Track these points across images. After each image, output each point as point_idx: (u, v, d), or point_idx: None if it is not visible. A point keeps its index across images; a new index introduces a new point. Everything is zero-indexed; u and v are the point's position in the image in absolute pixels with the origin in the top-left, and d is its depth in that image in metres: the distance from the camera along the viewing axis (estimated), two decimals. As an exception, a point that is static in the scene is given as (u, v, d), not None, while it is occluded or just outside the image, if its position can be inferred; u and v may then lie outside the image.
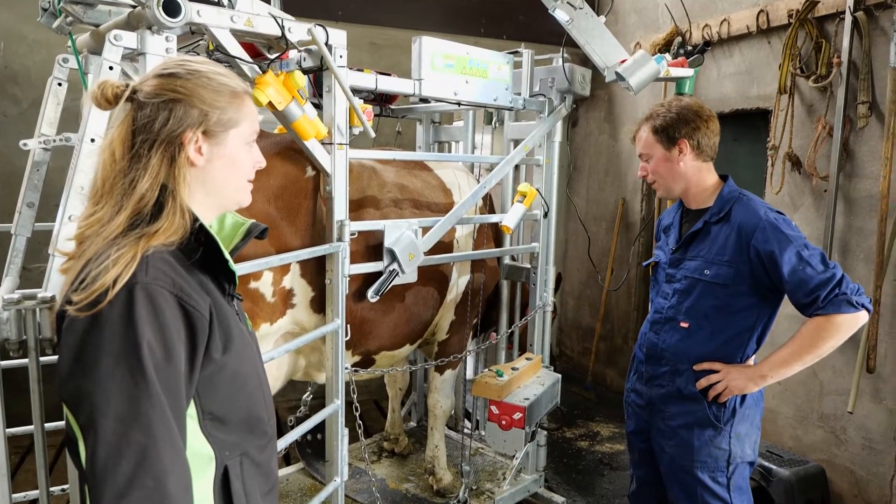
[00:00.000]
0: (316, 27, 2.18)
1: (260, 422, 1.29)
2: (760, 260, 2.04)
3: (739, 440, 2.15)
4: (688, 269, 2.19)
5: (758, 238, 2.04)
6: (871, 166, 3.23)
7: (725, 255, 2.10)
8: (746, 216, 2.10)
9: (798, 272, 1.98)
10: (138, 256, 1.10)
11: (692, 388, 2.16)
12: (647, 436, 2.34)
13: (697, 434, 2.14)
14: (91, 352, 1.03)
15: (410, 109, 3.62)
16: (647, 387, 2.30)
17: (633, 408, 2.39)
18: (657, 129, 2.17)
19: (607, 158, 5.29)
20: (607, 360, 5.30)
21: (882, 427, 3.21)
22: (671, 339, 2.22)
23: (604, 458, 4.05)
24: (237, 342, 1.23)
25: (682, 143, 2.16)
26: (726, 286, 2.09)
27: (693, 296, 2.16)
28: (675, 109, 2.17)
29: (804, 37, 3.47)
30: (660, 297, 2.30)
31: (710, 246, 2.15)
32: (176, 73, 1.19)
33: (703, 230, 2.19)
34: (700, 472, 2.15)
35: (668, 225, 2.38)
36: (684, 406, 2.18)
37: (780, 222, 2.06)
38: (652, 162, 2.22)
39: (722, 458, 2.14)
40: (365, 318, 2.61)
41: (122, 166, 1.17)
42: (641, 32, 4.75)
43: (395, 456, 3.66)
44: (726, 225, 2.13)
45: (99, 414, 1.00)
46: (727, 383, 2.09)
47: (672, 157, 2.17)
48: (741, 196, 2.17)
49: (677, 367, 2.20)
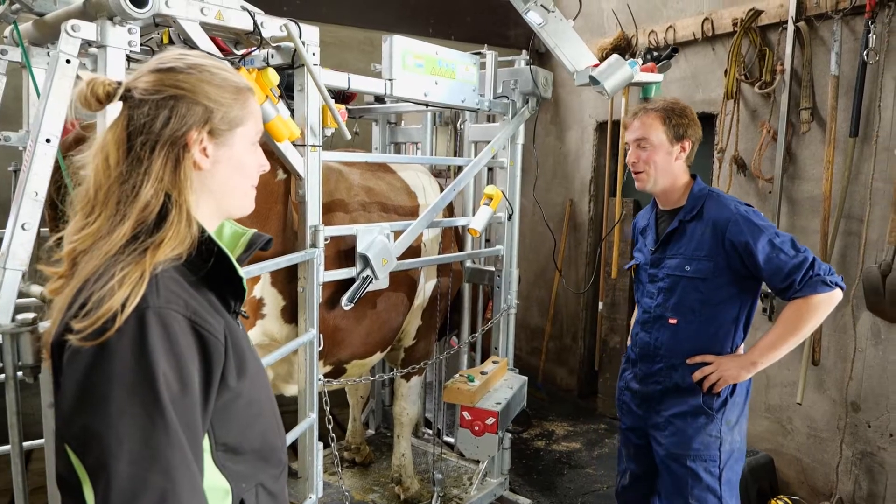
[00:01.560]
0: (290, 22, 2.07)
1: (275, 450, 1.20)
2: (736, 251, 2.12)
3: (730, 427, 2.22)
4: (669, 267, 2.26)
5: (731, 230, 2.12)
6: (813, 169, 3.40)
7: (703, 250, 2.18)
8: (719, 211, 2.18)
9: (773, 259, 2.07)
10: (147, 275, 0.98)
11: (689, 381, 2.22)
12: (642, 432, 2.39)
13: (691, 422, 2.21)
14: (100, 386, 0.91)
15: (368, 110, 3.53)
16: (641, 385, 2.35)
17: (628, 406, 2.43)
18: (669, 120, 2.20)
19: (554, 160, 5.36)
20: (557, 359, 5.36)
21: (826, 416, 3.39)
22: (663, 336, 2.27)
23: (562, 458, 4.10)
24: (251, 366, 1.13)
25: (685, 142, 2.22)
26: (707, 280, 2.17)
27: (677, 292, 2.23)
28: (682, 107, 2.23)
29: (748, 45, 3.62)
30: (646, 297, 2.35)
31: (687, 243, 2.22)
32: (175, 67, 1.07)
33: (679, 229, 2.26)
34: (693, 462, 2.20)
35: (645, 227, 2.43)
36: (681, 397, 2.24)
37: (751, 214, 2.16)
38: (650, 151, 2.22)
39: (714, 445, 2.20)
40: (337, 327, 2.51)
41: (119, 172, 1.04)
42: (588, 36, 4.82)
43: (357, 466, 3.55)
44: (700, 222, 2.21)
45: (110, 456, 0.89)
46: (720, 373, 2.16)
47: (672, 152, 2.22)
48: (711, 192, 2.26)
49: (672, 363, 2.26)
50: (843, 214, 3.25)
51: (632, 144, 2.29)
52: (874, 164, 3.11)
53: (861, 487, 3.26)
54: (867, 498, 3.24)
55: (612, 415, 4.72)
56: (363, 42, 4.64)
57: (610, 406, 4.77)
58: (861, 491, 3.26)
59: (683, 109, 2.24)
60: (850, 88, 3.16)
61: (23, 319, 1.18)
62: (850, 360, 3.23)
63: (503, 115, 3.15)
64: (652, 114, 2.23)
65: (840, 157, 3.24)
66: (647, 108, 2.26)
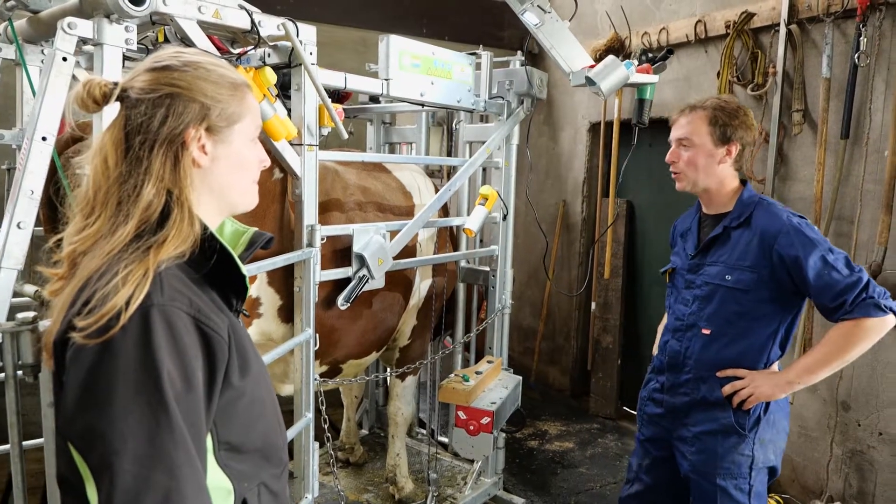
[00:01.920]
0: (288, 21, 2.06)
1: (276, 449, 1.20)
2: (784, 264, 1.98)
3: (763, 446, 2.10)
4: (708, 274, 2.13)
5: (781, 242, 1.98)
6: (804, 170, 3.44)
7: (747, 259, 2.04)
8: (769, 221, 2.04)
9: (824, 276, 1.93)
10: (150, 273, 0.98)
11: (718, 395, 2.09)
12: (664, 444, 2.27)
13: (721, 441, 2.09)
14: (104, 384, 0.91)
15: (362, 109, 3.53)
16: (668, 395, 2.22)
17: (651, 416, 2.31)
18: (716, 121, 2.07)
19: (547, 161, 5.38)
20: (550, 359, 5.38)
21: (817, 416, 3.42)
22: (694, 346, 2.15)
23: (555, 457, 4.11)
24: (254, 365, 1.13)
25: (733, 145, 2.08)
26: (748, 291, 2.04)
27: (714, 302, 2.10)
28: (735, 108, 2.09)
29: (741, 47, 3.65)
30: (679, 303, 2.23)
31: (730, 251, 2.09)
32: (171, 65, 1.07)
33: (722, 235, 2.12)
34: (722, 479, 2.09)
35: (686, 230, 2.30)
36: (709, 413, 2.12)
37: (804, 226, 2.01)
38: (691, 151, 2.10)
39: (745, 464, 2.09)
40: (334, 327, 2.51)
41: (118, 173, 1.04)
42: (581, 38, 4.80)
43: (351, 466, 3.55)
44: (747, 230, 2.07)
45: (115, 455, 0.88)
46: (752, 390, 2.03)
47: (717, 154, 2.08)
48: (761, 200, 2.12)
49: (701, 375, 2.13)
50: (834, 216, 3.29)
51: (674, 142, 2.16)
52: (865, 166, 3.15)
53: (851, 485, 3.29)
54: (857, 496, 3.27)
55: (605, 414, 4.75)
56: (357, 42, 4.64)
57: (602, 406, 4.80)
58: (851, 489, 3.29)
59: (735, 110, 2.09)
60: (842, 91, 3.19)
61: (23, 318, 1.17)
62: (841, 359, 3.26)
63: (498, 115, 3.16)
64: (699, 112, 2.10)
65: (831, 159, 3.28)
66: (696, 107, 2.12)
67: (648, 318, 4.67)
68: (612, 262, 4.70)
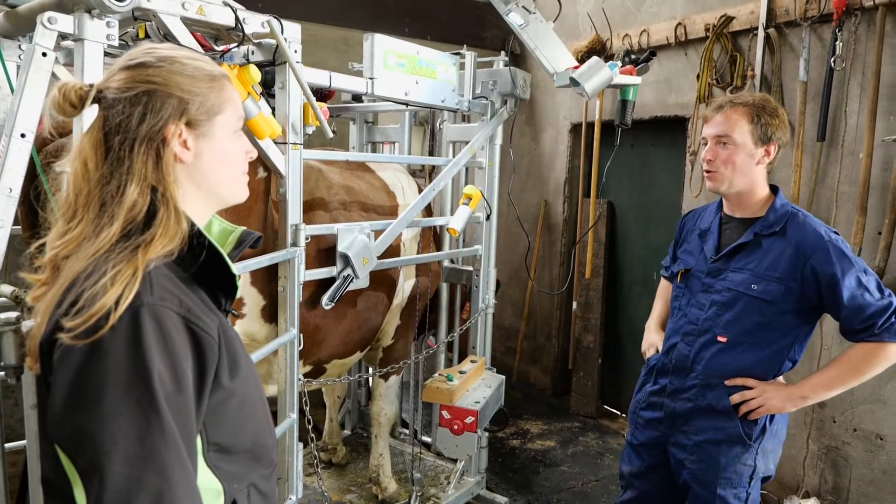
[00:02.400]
0: (273, 19, 2.05)
1: (266, 450, 1.19)
2: (816, 280, 1.92)
3: (765, 456, 2.08)
4: (731, 281, 2.04)
5: (818, 258, 1.91)
6: (781, 172, 3.49)
7: (777, 271, 1.97)
8: (806, 234, 1.96)
9: (857, 298, 1.89)
10: (140, 272, 0.97)
11: (725, 403, 2.04)
12: (659, 449, 2.22)
13: (725, 450, 2.04)
14: (93, 385, 0.90)
15: (345, 108, 3.51)
16: (669, 399, 2.16)
17: (648, 421, 2.24)
18: (758, 119, 1.97)
19: (529, 161, 5.40)
20: (531, 358, 5.40)
21: (794, 413, 3.39)
22: (706, 352, 2.08)
23: (537, 456, 4.13)
24: (244, 365, 1.12)
25: (772, 146, 2.00)
26: (773, 303, 1.97)
27: (735, 310, 2.03)
28: (775, 106, 2.01)
29: (720, 50, 3.70)
30: (693, 307, 2.13)
31: (760, 260, 2.01)
32: (145, 62, 1.05)
33: (753, 242, 2.03)
34: (722, 489, 2.05)
35: (705, 230, 2.19)
36: (714, 421, 2.06)
37: (841, 244, 1.95)
38: (730, 149, 1.99)
39: (746, 473, 2.05)
40: (318, 326, 2.50)
41: (100, 174, 1.03)
42: (563, 39, 4.84)
43: (333, 466, 3.53)
44: (781, 240, 1.99)
45: (105, 456, 0.87)
46: (763, 401, 1.99)
47: (756, 155, 1.99)
48: (797, 212, 2.03)
49: (709, 382, 2.07)
50: (811, 216, 3.35)
51: (710, 140, 2.04)
52: (840, 168, 3.21)
53: (826, 481, 3.36)
54: (832, 491, 3.34)
55: (586, 413, 4.79)
56: (338, 41, 4.62)
57: (583, 405, 4.83)
58: (826, 484, 3.36)
59: (776, 109, 2.00)
60: (818, 94, 3.25)
61: (6, 318, 1.15)
62: (818, 357, 3.32)
63: (482, 115, 3.16)
64: (740, 109, 1.98)
65: (808, 161, 3.34)
66: (735, 103, 2.01)
67: (629, 317, 4.72)
68: (593, 262, 4.74)
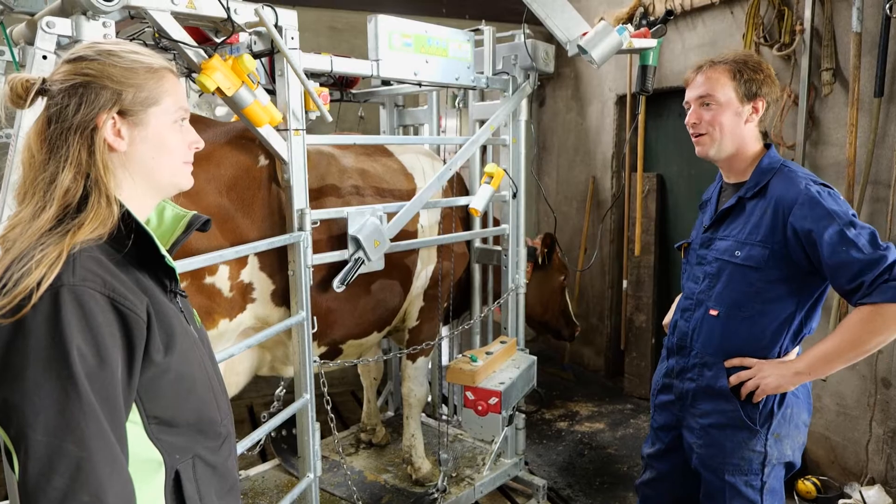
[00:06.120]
0: (264, 8, 2.08)
1: (212, 423, 1.22)
2: (798, 240, 1.77)
3: (778, 441, 1.91)
4: (717, 249, 1.95)
5: (796, 214, 1.76)
6: (836, 133, 3.22)
7: (759, 234, 1.84)
8: (785, 189, 1.81)
9: (839, 253, 1.69)
10: (63, 255, 1.02)
11: (723, 383, 1.92)
12: (675, 433, 2.13)
13: (730, 435, 1.92)
14: (16, 361, 0.96)
15: (373, 93, 3.53)
16: (677, 380, 2.07)
17: (663, 403, 2.15)
18: (740, 75, 1.86)
19: (576, 136, 5.25)
20: (583, 339, 5.28)
21: (856, 393, 3.23)
22: (701, 328, 1.98)
23: (583, 438, 4.04)
24: (181, 342, 1.15)
25: (759, 101, 1.88)
26: (759, 269, 1.83)
27: (723, 280, 1.92)
28: (757, 60, 1.90)
29: (766, 5, 3.44)
30: (690, 280, 2.06)
31: (742, 224, 1.90)
32: (84, 55, 1.12)
33: (736, 206, 1.93)
34: (731, 475, 1.93)
35: (706, 201, 2.13)
36: (716, 404, 1.95)
37: (823, 195, 1.77)
38: (714, 110, 1.88)
39: (756, 460, 1.91)
40: (330, 308, 2.54)
41: (41, 161, 1.10)
42: (605, 7, 4.69)
43: (373, 447, 3.60)
44: (762, 200, 1.86)
45: (28, 427, 0.94)
46: (759, 381, 1.84)
47: (743, 113, 1.88)
48: (782, 167, 1.88)
49: (706, 360, 1.97)
50: (870, 180, 3.07)
51: (693, 103, 1.94)
52: (901, 125, 2.92)
53: (893, 467, 3.10)
54: (900, 477, 3.08)
55: (639, 395, 4.64)
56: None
57: (636, 386, 4.68)
58: (894, 471, 3.10)
59: (758, 63, 1.89)
60: (874, 45, 2.97)
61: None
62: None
63: (503, 91, 3.10)
64: (719, 67, 1.89)
65: (865, 119, 3.06)
66: (714, 62, 1.91)
67: (683, 295, 4.52)
68: (642, 239, 4.56)
